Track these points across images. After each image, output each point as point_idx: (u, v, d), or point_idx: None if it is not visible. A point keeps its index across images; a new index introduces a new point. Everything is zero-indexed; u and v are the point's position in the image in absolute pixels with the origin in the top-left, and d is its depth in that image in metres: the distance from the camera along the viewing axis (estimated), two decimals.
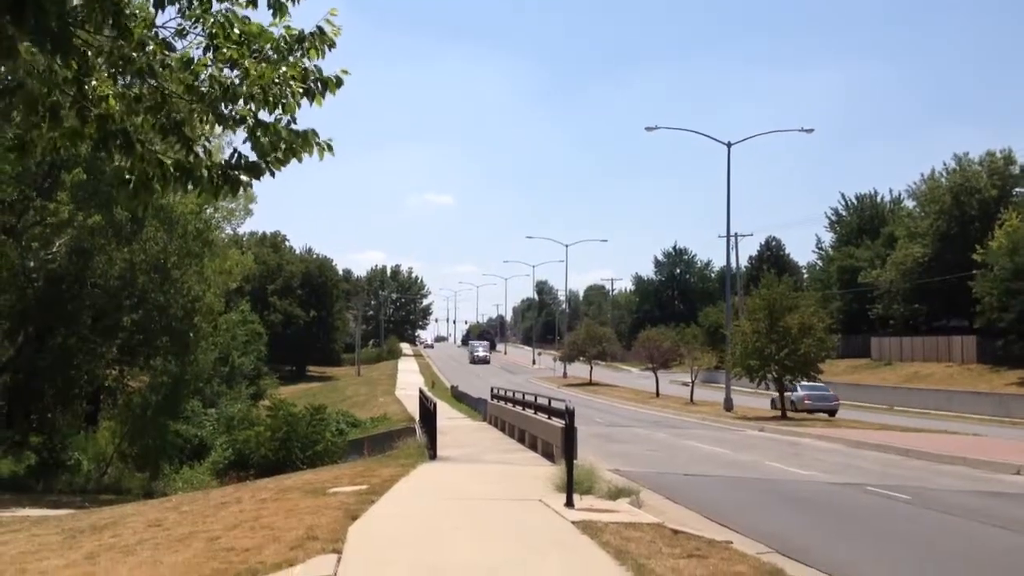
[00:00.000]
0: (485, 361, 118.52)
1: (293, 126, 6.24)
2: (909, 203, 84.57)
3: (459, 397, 58.93)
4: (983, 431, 36.75)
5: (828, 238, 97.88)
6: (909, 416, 47.71)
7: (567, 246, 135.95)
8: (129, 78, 6.02)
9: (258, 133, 6.12)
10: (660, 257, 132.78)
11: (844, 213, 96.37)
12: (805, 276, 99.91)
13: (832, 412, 46.14)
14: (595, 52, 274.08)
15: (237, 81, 5.99)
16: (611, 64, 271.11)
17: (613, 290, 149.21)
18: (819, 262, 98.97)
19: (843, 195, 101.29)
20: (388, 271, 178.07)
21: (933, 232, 72.84)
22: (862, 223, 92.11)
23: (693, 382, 63.32)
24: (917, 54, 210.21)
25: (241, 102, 6.05)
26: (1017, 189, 73.07)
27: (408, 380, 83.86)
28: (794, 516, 14.77)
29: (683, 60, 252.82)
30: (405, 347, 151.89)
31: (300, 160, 6.38)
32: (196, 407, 48.27)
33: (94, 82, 5.97)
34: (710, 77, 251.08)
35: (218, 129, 6.38)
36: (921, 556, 11.63)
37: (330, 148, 6.42)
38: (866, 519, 14.70)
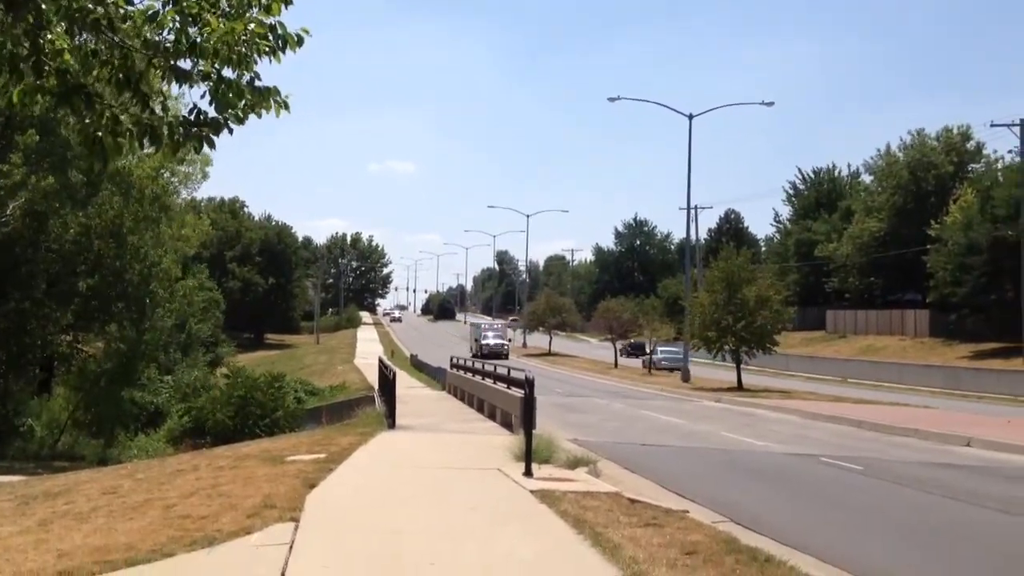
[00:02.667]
0: (501, 354, 70.54)
1: (258, 83, 6.15)
2: (867, 178, 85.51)
3: (419, 366, 58.91)
4: (935, 403, 37.41)
5: (786, 212, 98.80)
6: (862, 388, 48.46)
7: (528, 216, 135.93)
8: (86, 32, 5.86)
9: (220, 89, 6.02)
10: (620, 228, 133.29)
11: (802, 187, 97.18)
12: (763, 249, 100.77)
13: (686, 373, 51.26)
14: (560, 20, 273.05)
15: (203, 36, 5.87)
16: (576, 33, 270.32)
17: (573, 261, 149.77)
18: (777, 235, 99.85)
19: (800, 169, 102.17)
20: (348, 239, 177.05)
21: (890, 207, 73.69)
22: (820, 197, 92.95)
23: (652, 353, 63.73)
24: (884, 27, 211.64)
25: (204, 57, 5.93)
26: (973, 165, 74.05)
27: (367, 349, 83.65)
28: (749, 486, 14.95)
29: (650, 30, 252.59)
30: (365, 316, 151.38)
31: (260, 116, 6.31)
32: (152, 374, 47.79)
33: (49, 36, 5.81)
34: (678, 47, 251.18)
35: (175, 85, 6.27)
36: (871, 524, 11.83)
37: (287, 106, 6.35)
38: (819, 489, 14.92)
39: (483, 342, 76.79)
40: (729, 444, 21.08)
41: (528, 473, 13.06)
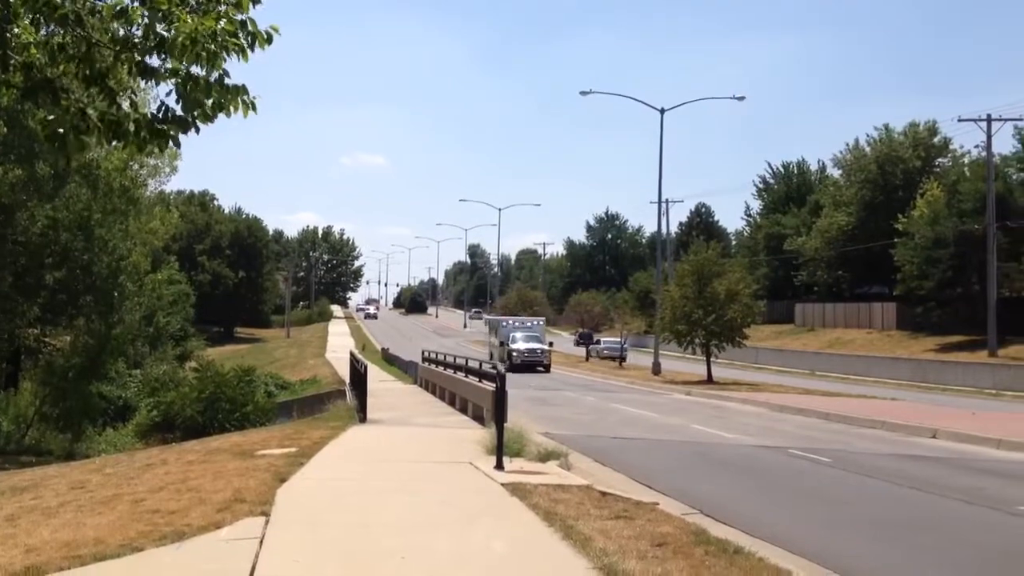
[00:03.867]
0: (539, 365, 51.64)
1: (227, 80, 6.12)
2: (835, 172, 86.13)
3: (390, 360, 58.76)
4: (901, 396, 37.83)
5: (756, 206, 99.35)
6: (830, 381, 48.92)
7: (500, 209, 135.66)
8: (53, 26, 5.81)
9: (188, 87, 5.98)
10: (592, 222, 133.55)
11: (772, 181, 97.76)
12: (734, 243, 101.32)
13: (622, 360, 60.46)
14: (533, 13, 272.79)
15: (172, 32, 5.83)
16: (548, 26, 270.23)
17: (545, 254, 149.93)
18: (747, 229, 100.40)
19: (770, 164, 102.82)
20: (320, 232, 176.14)
21: (858, 201, 74.28)
22: (789, 191, 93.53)
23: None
24: (856, 23, 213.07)
25: (171, 54, 5.89)
26: (940, 160, 74.77)
27: (339, 343, 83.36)
28: (719, 478, 15.08)
29: (622, 24, 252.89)
30: (336, 309, 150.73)
31: (228, 115, 6.27)
32: (120, 368, 47.33)
33: (16, 29, 5.76)
34: (651, 41, 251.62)
35: (142, 82, 6.22)
36: (839, 515, 11.98)
37: (254, 107, 6.32)
38: (788, 481, 15.08)
39: (512, 347, 51.76)
40: (699, 436, 21.23)
41: (499, 466, 13.11)
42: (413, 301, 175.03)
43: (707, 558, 8.15)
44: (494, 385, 15.64)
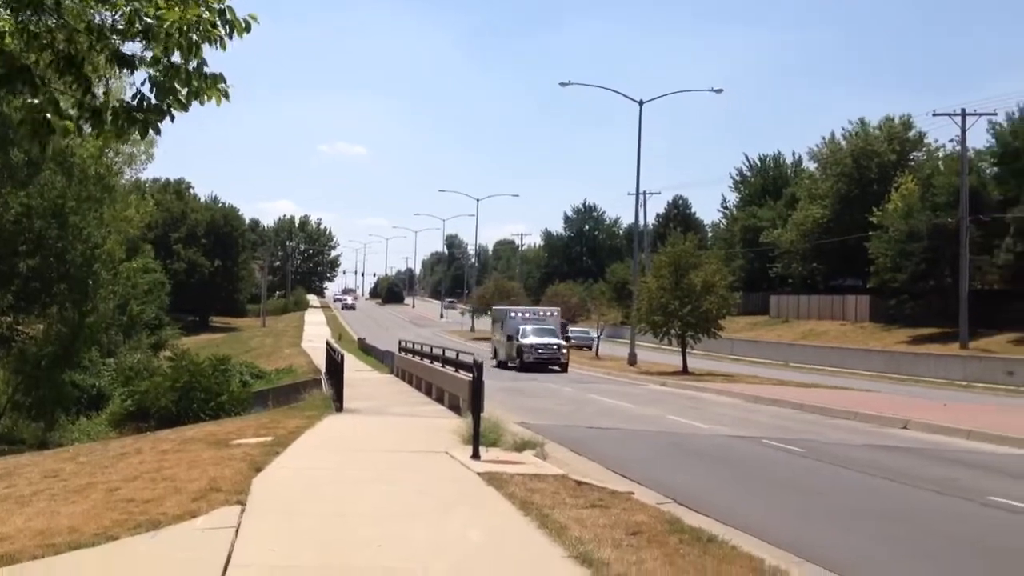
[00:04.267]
0: (554, 362, 44.50)
1: (206, 69, 6.09)
2: (811, 165, 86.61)
3: (366, 350, 58.67)
4: (874, 387, 38.18)
5: (733, 198, 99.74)
6: (804, 372, 49.28)
7: (478, 200, 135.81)
8: (29, 13, 5.76)
9: (167, 75, 5.96)
10: (570, 213, 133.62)
11: (748, 174, 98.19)
12: (710, 235, 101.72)
13: (590, 347, 63.45)
14: (513, 3, 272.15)
15: (156, 21, 5.80)
16: (529, 17, 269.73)
17: (522, 245, 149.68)
18: (724, 221, 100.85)
19: (747, 156, 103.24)
20: (297, 221, 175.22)
21: (833, 194, 74.75)
22: (766, 184, 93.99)
23: (599, 337, 64.20)
24: (834, 16, 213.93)
25: (156, 42, 5.86)
26: (914, 154, 75.37)
27: (315, 332, 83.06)
28: (693, 468, 15.19)
29: (602, 16, 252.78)
30: (312, 299, 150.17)
31: (203, 103, 6.25)
32: (94, 357, 47.02)
33: None
34: (631, 34, 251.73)
35: (116, 70, 6.18)
36: (812, 505, 12.11)
37: (227, 95, 6.31)
38: (762, 471, 15.21)
39: (523, 342, 44.27)
40: (674, 427, 21.36)
41: (476, 456, 13.15)
42: (390, 291, 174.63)
43: (681, 546, 8.23)
44: (471, 375, 15.68)
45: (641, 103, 52.67)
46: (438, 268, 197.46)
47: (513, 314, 48.57)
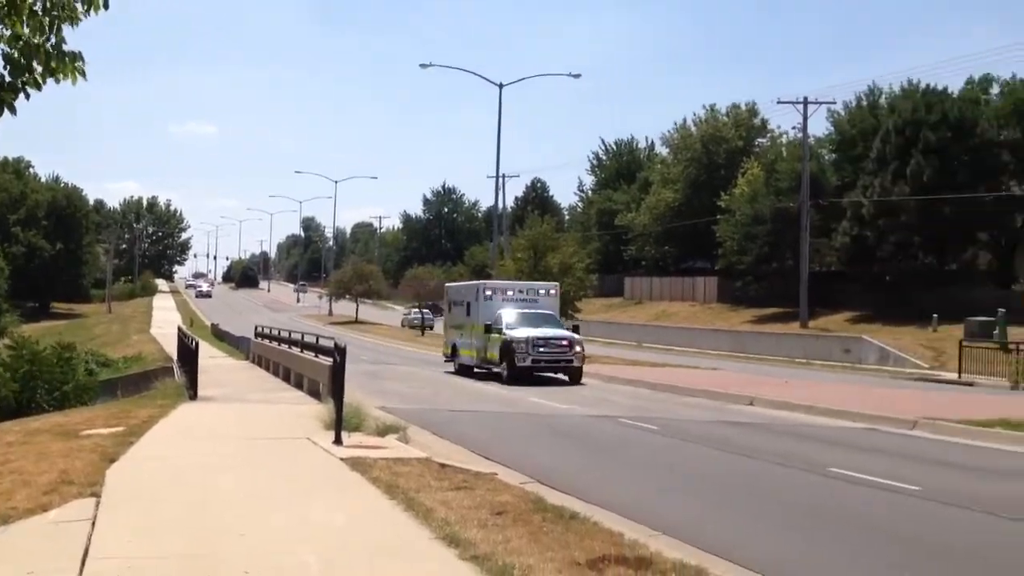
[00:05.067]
0: (562, 365, 29.49)
1: (65, 47, 5.88)
2: (663, 150, 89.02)
3: (220, 336, 57.22)
4: (722, 365, 39.69)
5: (590, 181, 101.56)
6: (657, 352, 50.80)
7: (336, 182, 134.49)
8: None
9: (24, 53, 5.72)
10: (429, 196, 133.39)
11: (604, 158, 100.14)
12: (567, 217, 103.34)
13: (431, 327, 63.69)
14: None
15: None
16: None
17: (381, 228, 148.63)
18: (580, 204, 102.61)
19: (603, 140, 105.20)
20: (144, 203, 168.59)
21: (684, 178, 77.06)
22: (620, 168, 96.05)
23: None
24: (690, 3, 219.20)
25: (19, 17, 5.62)
26: (759, 140, 78.46)
27: (164, 318, 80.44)
28: (555, 448, 15.53)
29: None
30: (162, 283, 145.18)
31: (58, 82, 6.04)
32: None
33: None
34: (492, 17, 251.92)
35: None
36: (667, 479, 12.59)
37: (83, 73, 6.12)
38: (620, 449, 15.68)
39: (514, 336, 29.24)
40: (535, 408, 21.71)
41: (338, 441, 13.10)
42: (244, 275, 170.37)
43: (545, 524, 8.44)
44: (331, 360, 15.56)
45: (501, 86, 53.03)
46: (294, 251, 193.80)
47: (489, 292, 31.77)
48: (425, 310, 73.46)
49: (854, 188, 56.08)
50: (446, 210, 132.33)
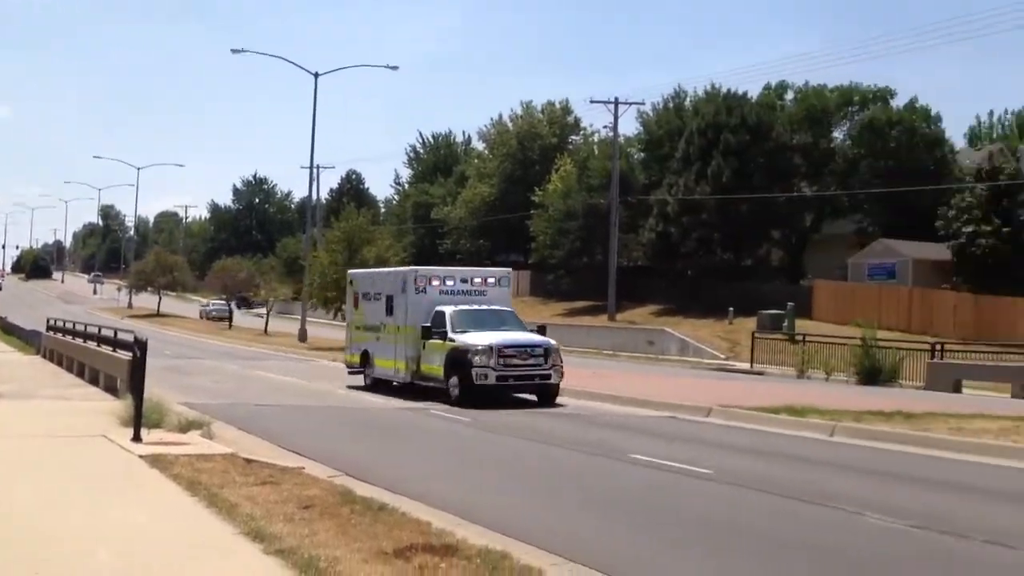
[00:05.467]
0: (536, 382, 21.93)
1: None
2: (480, 145, 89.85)
3: (8, 329, 53.64)
4: None
5: (407, 174, 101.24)
6: None
7: (139, 169, 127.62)
8: None
9: None
10: (240, 185, 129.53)
11: (422, 151, 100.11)
12: (383, 210, 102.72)
13: (224, 319, 66.74)
14: None
15: None
16: None
17: (187, 218, 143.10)
18: (396, 197, 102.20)
19: (421, 133, 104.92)
20: None
21: (499, 173, 78.08)
22: (437, 162, 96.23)
23: (268, 313, 63.07)
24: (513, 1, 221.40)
25: None
26: (573, 137, 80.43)
27: None
28: (365, 440, 15.46)
29: None
30: None
31: None
32: None
33: None
34: (315, 4, 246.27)
35: None
36: (477, 470, 12.77)
37: None
38: (431, 440, 15.79)
39: (467, 344, 21.35)
40: (345, 401, 21.55)
41: (137, 438, 12.60)
42: (35, 265, 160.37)
43: (353, 516, 8.43)
44: (130, 354, 14.93)
45: (317, 75, 52.12)
46: (91, 241, 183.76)
47: (419, 283, 23.86)
48: (218, 301, 72.74)
49: (660, 186, 58.33)
50: (257, 200, 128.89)
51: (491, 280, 25.14)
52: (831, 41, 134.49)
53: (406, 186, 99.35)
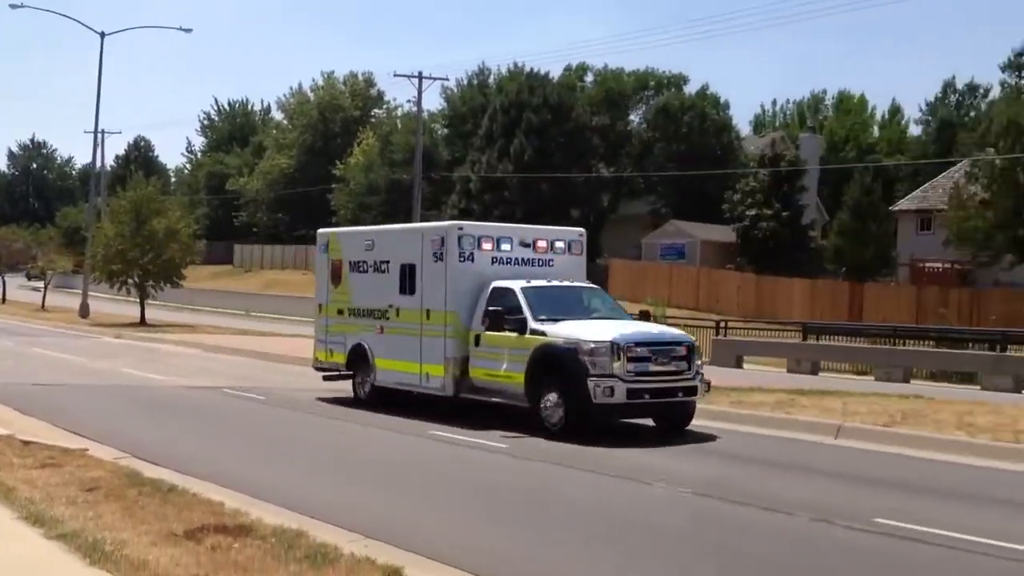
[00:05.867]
0: (680, 399, 14.32)
1: None
2: (279, 115, 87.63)
3: None
4: None
5: (200, 143, 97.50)
6: (266, 321, 50.05)
7: None
8: None
9: None
10: (15, 150, 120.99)
11: (217, 119, 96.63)
12: (174, 180, 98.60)
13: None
14: None
15: None
16: None
17: None
18: (188, 166, 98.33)
19: (216, 100, 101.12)
20: None
21: (299, 145, 76.53)
22: (234, 131, 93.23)
23: (46, 287, 59.44)
24: None
25: None
26: (376, 110, 79.75)
27: None
28: (152, 420, 14.91)
29: None
30: None
31: None
32: None
33: None
34: None
35: None
36: (271, 450, 12.59)
37: None
38: (223, 419, 15.43)
39: (565, 339, 13.89)
40: (131, 380, 20.65)
41: None
42: None
43: (141, 498, 8.20)
44: None
45: (103, 35, 49.12)
46: None
47: (465, 247, 15.95)
48: None
49: (464, 163, 58.84)
50: (35, 166, 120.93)
51: (559, 245, 17.34)
52: (631, 24, 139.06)
53: (199, 155, 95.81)
